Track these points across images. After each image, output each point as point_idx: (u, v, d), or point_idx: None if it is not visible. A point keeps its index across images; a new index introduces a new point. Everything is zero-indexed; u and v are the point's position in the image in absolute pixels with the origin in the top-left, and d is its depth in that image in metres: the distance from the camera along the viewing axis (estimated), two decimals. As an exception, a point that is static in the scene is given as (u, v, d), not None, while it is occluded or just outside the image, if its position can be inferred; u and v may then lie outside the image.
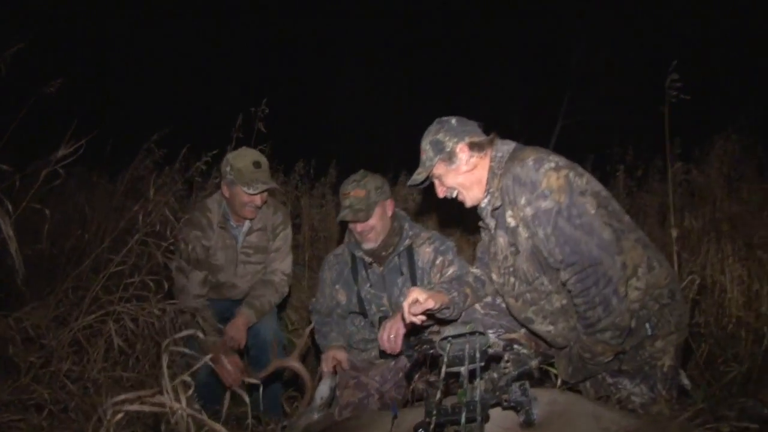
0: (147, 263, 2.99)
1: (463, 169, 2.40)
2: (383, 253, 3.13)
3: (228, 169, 3.26)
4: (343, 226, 3.41)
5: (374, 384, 3.04)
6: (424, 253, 3.12)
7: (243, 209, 3.33)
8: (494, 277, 2.51)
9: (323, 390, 2.69)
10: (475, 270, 2.73)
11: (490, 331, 2.58)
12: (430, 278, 3.07)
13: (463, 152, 2.38)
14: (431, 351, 2.17)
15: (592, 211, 2.13)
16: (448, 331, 1.89)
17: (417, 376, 2.63)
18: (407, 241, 3.13)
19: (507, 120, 12.97)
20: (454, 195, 2.50)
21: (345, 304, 3.24)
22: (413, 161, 2.56)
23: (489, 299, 2.66)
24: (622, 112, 11.90)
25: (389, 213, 3.13)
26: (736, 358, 3.06)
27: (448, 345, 1.88)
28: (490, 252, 2.53)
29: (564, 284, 2.21)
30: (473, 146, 2.38)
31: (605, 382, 2.30)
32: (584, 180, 2.21)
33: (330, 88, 13.55)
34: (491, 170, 2.37)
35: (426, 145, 2.46)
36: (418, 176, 2.49)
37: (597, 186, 2.28)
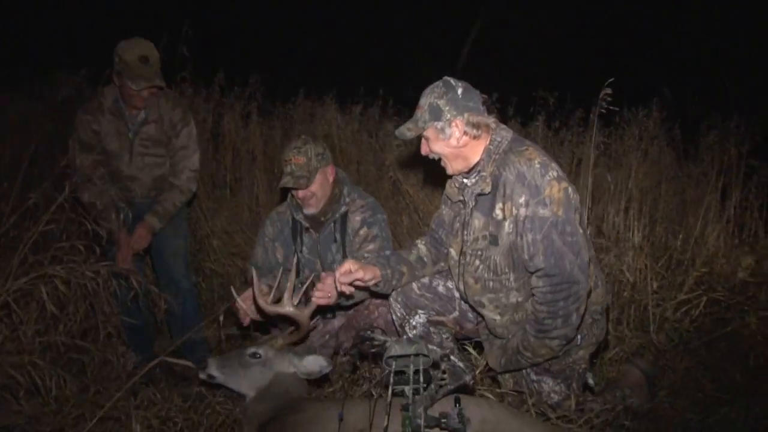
0: (78, 228, 2.91)
1: (452, 143, 2.37)
2: (321, 219, 3.19)
3: (117, 59, 3.23)
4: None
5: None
6: (354, 220, 3.19)
7: (130, 100, 3.34)
8: (452, 252, 2.60)
9: (313, 365, 2.57)
10: (421, 246, 2.79)
11: (421, 311, 2.76)
12: (351, 247, 3.18)
13: (457, 128, 2.34)
14: (373, 349, 2.31)
15: (580, 231, 2.25)
16: (395, 350, 2.03)
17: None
18: (344, 208, 3.19)
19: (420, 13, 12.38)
20: (436, 158, 2.50)
21: (282, 263, 3.29)
22: (340, 79, 2.44)
23: (426, 280, 2.79)
24: (545, 15, 11.73)
25: (330, 179, 3.17)
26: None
27: (393, 363, 2.03)
28: (452, 227, 2.62)
29: (531, 288, 2.34)
30: (470, 125, 2.34)
31: (529, 377, 2.55)
32: (577, 196, 2.29)
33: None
34: (488, 152, 2.37)
35: (424, 104, 2.38)
36: (408, 132, 2.43)
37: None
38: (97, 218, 3.10)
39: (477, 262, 2.45)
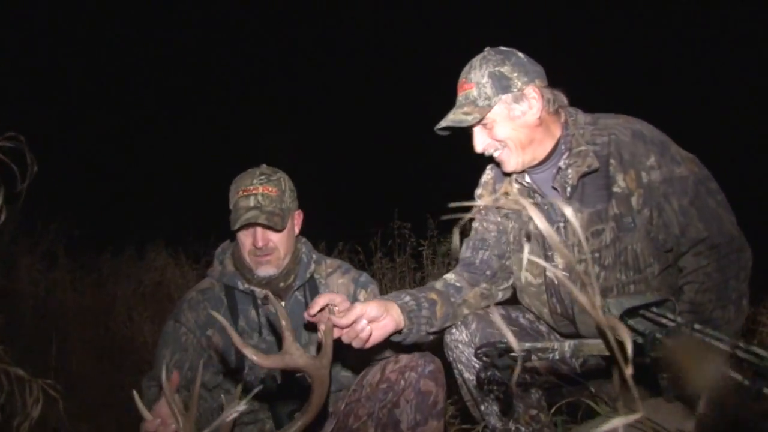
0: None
1: (529, 120, 1.83)
2: (281, 284, 2.29)
3: None
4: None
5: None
6: (337, 285, 2.37)
7: None
8: (527, 277, 1.98)
9: None
10: (446, 276, 2.09)
11: (510, 356, 1.99)
12: None
13: (534, 98, 1.82)
14: (535, 358, 1.52)
15: None
16: (625, 300, 1.33)
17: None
18: (312, 266, 2.35)
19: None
20: (496, 153, 1.92)
21: (221, 359, 2.22)
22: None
23: (503, 311, 2.08)
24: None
25: (297, 228, 2.37)
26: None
27: (632, 319, 1.34)
28: (519, 245, 2.02)
29: (687, 274, 1.81)
30: (545, 97, 1.84)
31: None
32: None
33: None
34: (573, 125, 1.87)
35: (480, 77, 1.83)
36: (468, 117, 1.82)
37: None
38: None
39: (597, 268, 1.86)
